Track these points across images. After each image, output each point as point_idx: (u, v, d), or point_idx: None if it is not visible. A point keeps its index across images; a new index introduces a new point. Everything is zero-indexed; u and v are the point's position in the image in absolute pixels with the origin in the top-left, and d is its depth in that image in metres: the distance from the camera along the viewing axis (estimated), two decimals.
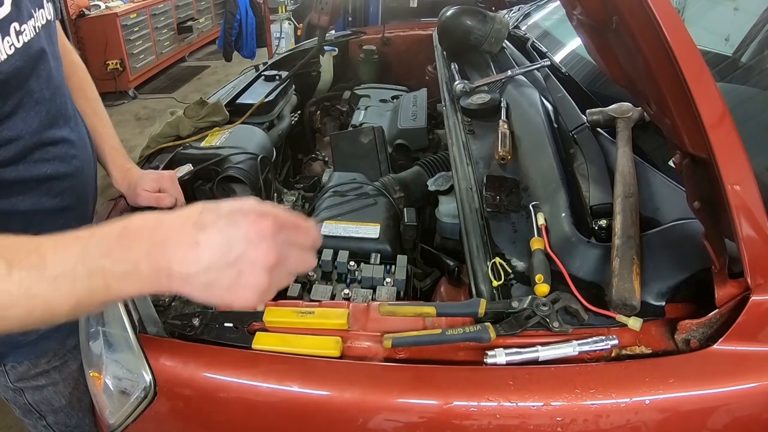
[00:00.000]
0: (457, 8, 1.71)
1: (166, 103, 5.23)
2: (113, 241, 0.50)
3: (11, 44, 0.69)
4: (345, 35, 2.47)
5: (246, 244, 0.50)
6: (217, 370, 0.77)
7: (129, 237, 0.50)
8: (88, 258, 0.49)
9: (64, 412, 1.00)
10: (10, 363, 0.91)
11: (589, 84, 1.34)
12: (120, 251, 0.50)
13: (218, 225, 0.51)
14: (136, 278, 0.50)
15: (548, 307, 0.76)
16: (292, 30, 4.62)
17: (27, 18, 0.73)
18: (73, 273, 0.49)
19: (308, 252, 0.56)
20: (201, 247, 0.50)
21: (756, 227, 0.65)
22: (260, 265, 0.50)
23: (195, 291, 0.51)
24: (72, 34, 4.97)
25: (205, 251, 0.50)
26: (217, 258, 0.50)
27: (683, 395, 0.70)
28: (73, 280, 0.49)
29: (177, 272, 0.50)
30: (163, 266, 0.49)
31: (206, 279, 0.50)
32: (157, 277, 0.50)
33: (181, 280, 0.50)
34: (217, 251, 0.50)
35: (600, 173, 0.97)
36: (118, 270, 0.49)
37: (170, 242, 0.50)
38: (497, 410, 0.70)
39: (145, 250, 0.49)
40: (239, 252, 0.50)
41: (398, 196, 1.26)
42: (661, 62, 0.66)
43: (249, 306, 0.53)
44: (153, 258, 0.49)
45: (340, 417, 0.74)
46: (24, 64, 0.72)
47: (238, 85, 1.79)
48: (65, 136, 0.85)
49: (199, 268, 0.50)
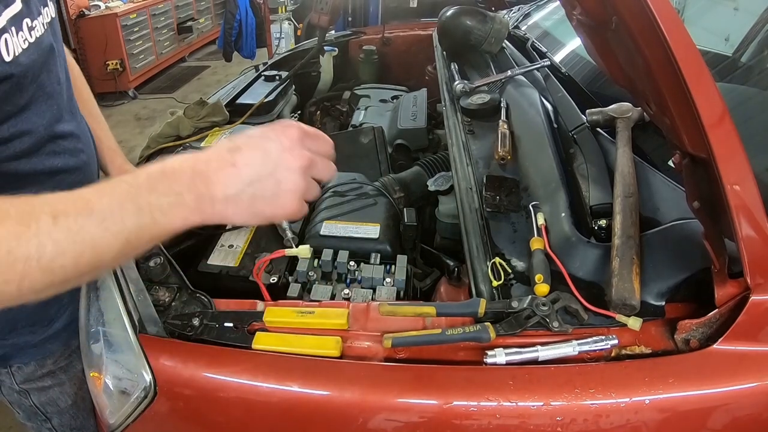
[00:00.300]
0: (457, 8, 1.71)
1: (166, 104, 5.23)
2: (156, 179, 0.52)
3: (25, 39, 0.71)
4: (345, 35, 2.47)
5: (280, 151, 0.55)
6: (217, 370, 0.77)
7: (169, 173, 0.53)
8: (134, 196, 0.51)
9: (69, 413, 1.00)
10: (16, 364, 0.91)
11: (589, 84, 1.34)
12: (164, 186, 0.52)
13: (251, 142, 0.56)
14: (181, 208, 0.52)
15: (548, 307, 0.76)
16: (292, 30, 4.62)
17: (36, 14, 0.75)
18: (121, 212, 0.50)
19: (329, 160, 0.61)
20: (238, 166, 0.54)
21: (756, 227, 0.65)
22: (296, 167, 0.56)
23: (240, 210, 0.55)
24: (72, 34, 4.98)
25: (244, 168, 0.54)
26: (257, 170, 0.54)
27: (683, 395, 0.70)
28: (122, 219, 0.50)
29: (220, 196, 0.53)
30: (205, 193, 0.53)
31: (251, 193, 0.54)
32: (201, 205, 0.53)
33: (225, 202, 0.54)
34: (257, 164, 0.54)
35: (600, 173, 0.98)
36: (164, 202, 0.52)
37: (209, 170, 0.53)
38: (497, 410, 0.70)
39: (187, 182, 0.53)
40: (275, 160, 0.55)
41: (398, 196, 1.26)
42: (661, 62, 0.66)
43: (293, 214, 0.58)
44: (196, 187, 0.52)
45: (340, 417, 0.74)
46: (37, 57, 0.74)
47: (238, 85, 1.79)
48: (73, 130, 0.87)
49: (241, 186, 0.54)
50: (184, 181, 0.53)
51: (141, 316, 0.83)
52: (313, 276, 1.02)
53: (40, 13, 0.76)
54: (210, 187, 0.53)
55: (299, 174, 0.56)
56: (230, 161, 0.54)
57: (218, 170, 0.54)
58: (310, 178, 0.58)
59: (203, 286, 0.91)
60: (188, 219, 0.53)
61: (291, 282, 1.01)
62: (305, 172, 0.57)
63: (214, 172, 0.54)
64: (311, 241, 1.10)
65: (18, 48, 0.69)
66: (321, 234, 1.10)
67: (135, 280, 0.89)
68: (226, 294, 0.91)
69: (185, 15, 6.40)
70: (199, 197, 0.53)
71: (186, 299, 0.87)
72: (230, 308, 0.86)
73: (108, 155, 1.07)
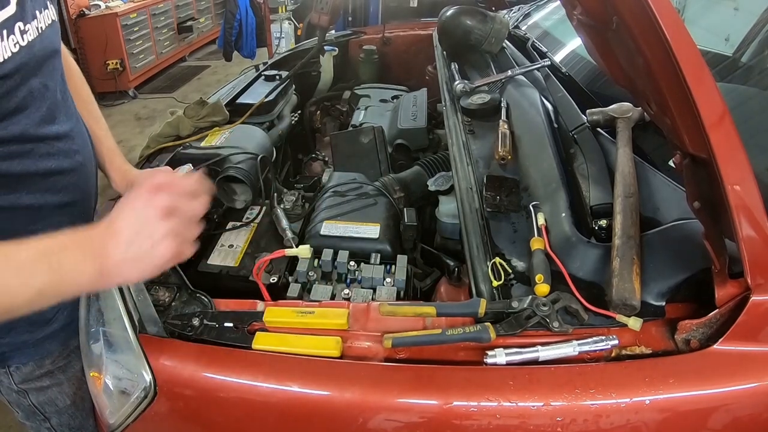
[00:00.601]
0: (457, 8, 1.70)
1: (166, 103, 5.23)
2: (67, 244, 0.63)
3: (16, 42, 0.72)
4: (345, 35, 2.47)
5: (143, 209, 0.65)
6: (217, 370, 0.77)
7: (74, 245, 0.64)
8: (48, 255, 0.61)
9: (68, 413, 1.00)
10: (14, 364, 0.91)
11: (589, 84, 1.34)
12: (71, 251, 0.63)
13: (122, 212, 0.66)
14: (84, 273, 0.63)
15: (548, 307, 0.76)
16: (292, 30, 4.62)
17: (31, 18, 0.76)
18: (34, 266, 0.60)
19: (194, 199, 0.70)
20: (118, 233, 0.64)
21: (756, 227, 0.65)
22: (159, 217, 0.65)
23: (131, 267, 0.65)
24: (72, 34, 4.98)
25: (121, 234, 0.64)
26: (131, 230, 0.64)
27: (683, 395, 0.70)
28: (34, 273, 0.60)
29: (112, 260, 0.63)
30: (102, 260, 0.63)
31: (134, 251, 0.64)
32: (100, 268, 0.63)
33: (118, 264, 0.64)
34: (130, 226, 0.65)
35: (600, 173, 0.97)
36: (72, 265, 0.62)
37: (99, 243, 0.64)
38: (497, 410, 0.70)
39: (88, 251, 0.63)
40: (141, 218, 0.65)
41: (398, 196, 1.25)
42: (662, 62, 0.66)
43: (175, 258, 0.66)
44: (94, 256, 0.63)
45: (340, 417, 0.74)
46: (28, 61, 0.75)
47: (238, 85, 1.79)
48: (68, 132, 0.87)
49: (124, 247, 0.64)
50: (87, 251, 0.63)
51: (141, 316, 0.83)
52: (313, 276, 1.02)
53: (35, 17, 0.77)
54: (103, 254, 0.63)
55: (164, 221, 0.65)
56: (111, 232, 0.65)
57: (105, 241, 0.64)
58: (178, 221, 0.66)
59: (203, 286, 0.91)
60: (91, 281, 0.64)
61: (291, 282, 1.01)
62: (170, 218, 0.65)
63: (102, 244, 0.64)
64: (311, 241, 1.10)
65: (7, 52, 0.69)
66: (321, 234, 1.10)
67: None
68: (226, 294, 0.91)
69: (185, 14, 6.39)
70: (97, 263, 0.63)
71: (186, 299, 0.87)
72: (230, 308, 0.86)
73: (107, 156, 1.07)
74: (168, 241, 0.65)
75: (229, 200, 1.29)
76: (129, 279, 0.68)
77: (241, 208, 1.28)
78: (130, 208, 0.66)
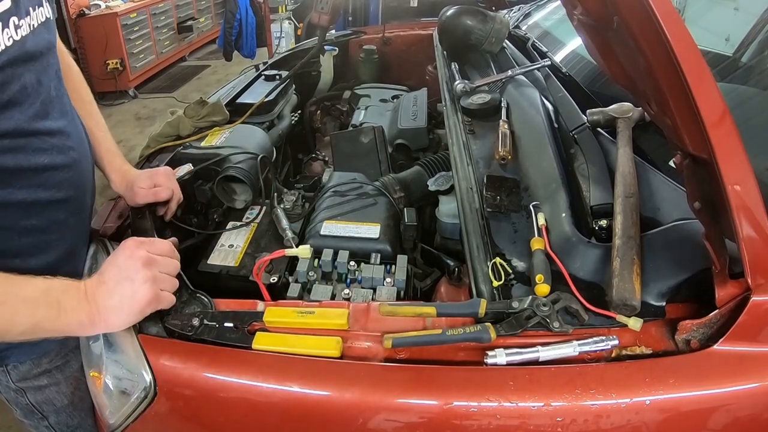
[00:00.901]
0: (457, 8, 1.70)
1: (166, 103, 5.23)
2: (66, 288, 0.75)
3: (10, 36, 0.73)
4: (345, 35, 2.47)
5: (126, 260, 0.78)
6: (217, 370, 0.77)
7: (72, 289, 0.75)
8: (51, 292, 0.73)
9: (66, 412, 1.00)
10: (11, 363, 0.91)
11: (589, 84, 1.34)
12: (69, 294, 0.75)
13: (109, 266, 0.79)
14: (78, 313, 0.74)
15: (548, 308, 0.76)
16: (292, 30, 4.62)
17: (24, 14, 0.76)
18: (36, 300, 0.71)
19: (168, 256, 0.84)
20: (105, 283, 0.77)
21: (756, 227, 0.65)
22: (139, 266, 0.77)
23: (117, 313, 0.76)
24: (72, 33, 4.98)
25: (108, 283, 0.77)
26: (116, 280, 0.77)
27: (683, 395, 0.70)
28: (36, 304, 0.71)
29: (101, 305, 0.75)
30: (93, 305, 0.75)
31: (118, 298, 0.76)
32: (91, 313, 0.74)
33: (107, 310, 0.75)
34: (114, 275, 0.78)
35: (600, 173, 0.97)
36: (69, 305, 0.73)
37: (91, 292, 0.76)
38: (497, 410, 0.70)
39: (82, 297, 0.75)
40: (124, 268, 0.78)
41: (398, 196, 1.25)
42: (662, 62, 0.66)
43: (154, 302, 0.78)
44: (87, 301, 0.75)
45: (340, 417, 0.74)
46: (21, 56, 0.75)
47: (238, 84, 1.79)
48: (62, 128, 0.86)
49: (110, 294, 0.76)
50: (81, 296, 0.75)
51: None
52: (313, 276, 1.02)
53: (29, 14, 0.77)
54: (93, 300, 0.75)
55: (143, 269, 0.77)
56: (99, 282, 0.77)
57: (96, 290, 0.76)
58: (156, 270, 0.79)
59: (203, 286, 0.91)
60: (80, 324, 0.75)
61: (291, 282, 1.01)
62: (149, 267, 0.78)
63: (93, 292, 0.76)
64: (311, 241, 1.10)
65: (1, 45, 0.70)
66: (321, 234, 1.10)
67: None
68: (226, 294, 0.90)
69: (185, 14, 6.39)
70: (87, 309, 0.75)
71: (186, 299, 0.87)
72: (230, 308, 0.86)
73: (107, 157, 1.07)
74: (147, 285, 0.77)
75: (229, 200, 1.29)
76: (113, 326, 0.77)
77: (241, 208, 1.28)
78: (115, 263, 0.79)
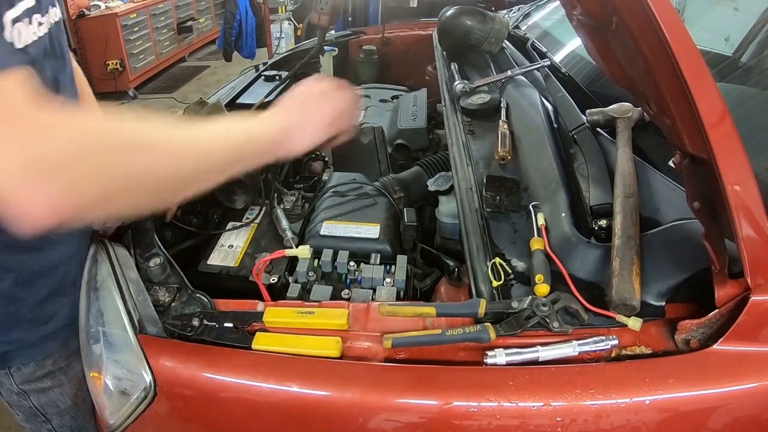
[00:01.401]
0: (457, 8, 1.70)
1: (166, 103, 5.23)
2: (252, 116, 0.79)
3: (34, 32, 0.73)
4: (345, 35, 2.47)
5: (307, 91, 0.85)
6: (217, 370, 0.77)
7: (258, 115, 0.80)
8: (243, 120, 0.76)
9: (69, 414, 1.00)
10: (15, 365, 0.90)
11: (589, 84, 1.34)
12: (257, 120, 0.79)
13: (286, 99, 0.85)
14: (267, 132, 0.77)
15: (548, 308, 0.76)
16: (292, 30, 4.63)
17: (44, 12, 0.77)
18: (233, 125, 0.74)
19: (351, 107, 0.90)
20: (283, 111, 0.82)
21: (756, 227, 0.65)
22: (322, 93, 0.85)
23: (300, 134, 0.81)
24: (72, 34, 4.97)
25: (286, 110, 0.83)
26: (294, 108, 0.83)
27: (683, 395, 0.70)
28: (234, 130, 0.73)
29: (285, 127, 0.79)
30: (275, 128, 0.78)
31: (298, 120, 0.81)
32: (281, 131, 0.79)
33: (291, 131, 0.80)
34: (294, 103, 0.84)
35: (600, 173, 0.97)
36: (259, 126, 0.77)
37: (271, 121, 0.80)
38: (497, 410, 0.70)
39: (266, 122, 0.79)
40: (305, 95, 0.84)
41: (398, 196, 1.25)
42: (661, 62, 0.66)
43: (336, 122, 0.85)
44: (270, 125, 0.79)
45: (340, 417, 0.74)
46: (42, 51, 0.76)
47: (238, 85, 1.79)
48: None
49: (289, 118, 0.81)
50: (266, 119, 0.79)
51: (141, 316, 0.83)
52: (313, 276, 1.02)
53: (47, 12, 0.78)
54: (277, 128, 0.78)
55: (324, 93, 0.85)
56: (278, 110, 0.82)
57: (272, 121, 0.80)
58: (335, 97, 0.86)
59: (203, 286, 0.91)
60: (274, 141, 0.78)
61: (291, 282, 1.01)
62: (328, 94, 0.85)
63: (272, 121, 0.79)
64: (311, 241, 1.10)
65: (29, 39, 0.70)
66: (321, 234, 1.10)
67: (135, 281, 0.89)
68: (226, 294, 0.91)
69: (185, 15, 6.39)
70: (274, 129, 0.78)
71: (186, 299, 0.87)
72: (230, 308, 0.86)
73: None
74: (328, 105, 0.84)
75: (229, 200, 1.29)
76: (299, 146, 0.81)
77: (241, 208, 1.28)
78: (291, 96, 0.84)
